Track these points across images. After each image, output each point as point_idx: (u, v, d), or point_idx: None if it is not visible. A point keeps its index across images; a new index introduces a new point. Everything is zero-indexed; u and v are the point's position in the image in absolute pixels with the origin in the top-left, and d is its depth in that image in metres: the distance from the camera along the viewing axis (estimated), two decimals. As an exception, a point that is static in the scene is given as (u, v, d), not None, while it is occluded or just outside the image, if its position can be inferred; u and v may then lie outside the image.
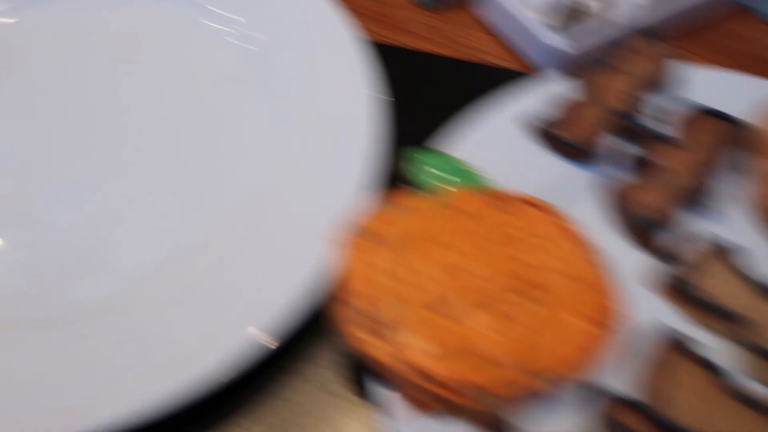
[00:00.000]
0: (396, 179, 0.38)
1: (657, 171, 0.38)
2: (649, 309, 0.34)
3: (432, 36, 0.50)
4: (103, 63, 0.45)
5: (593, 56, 0.43)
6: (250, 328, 0.31)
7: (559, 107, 0.40)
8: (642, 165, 0.38)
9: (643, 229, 0.36)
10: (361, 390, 0.34)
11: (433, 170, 0.35)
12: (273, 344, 0.32)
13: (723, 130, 0.39)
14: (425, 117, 0.42)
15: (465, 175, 0.35)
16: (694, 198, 0.37)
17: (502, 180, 0.36)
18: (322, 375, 0.34)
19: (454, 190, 0.32)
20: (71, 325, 0.33)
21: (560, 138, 0.39)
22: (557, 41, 0.45)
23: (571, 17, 0.47)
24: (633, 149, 0.39)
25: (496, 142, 0.39)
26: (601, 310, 0.29)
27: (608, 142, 0.39)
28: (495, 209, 0.31)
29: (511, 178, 0.36)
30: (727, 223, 0.37)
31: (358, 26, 0.47)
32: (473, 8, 0.51)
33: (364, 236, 0.30)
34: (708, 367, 0.30)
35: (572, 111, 0.40)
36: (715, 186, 0.38)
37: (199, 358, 0.31)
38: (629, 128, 0.40)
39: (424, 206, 0.32)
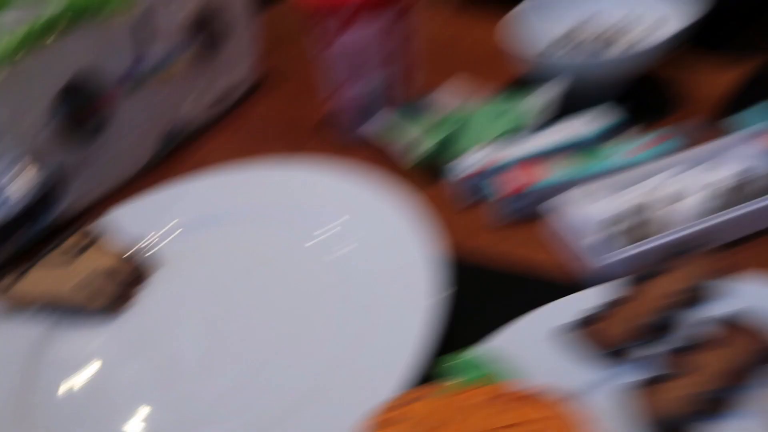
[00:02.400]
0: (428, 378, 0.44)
1: (684, 376, 0.40)
2: None
3: (500, 248, 0.58)
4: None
5: (649, 265, 0.48)
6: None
7: (602, 310, 0.45)
8: (670, 369, 0.41)
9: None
10: None
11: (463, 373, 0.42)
12: None
13: (756, 343, 0.41)
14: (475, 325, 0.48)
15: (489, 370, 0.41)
16: (717, 407, 0.39)
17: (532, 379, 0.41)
18: None
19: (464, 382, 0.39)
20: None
21: (592, 345, 0.43)
22: (623, 254, 0.50)
23: (634, 229, 0.53)
24: (663, 354, 0.42)
25: (533, 345, 0.44)
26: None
27: (640, 348, 0.43)
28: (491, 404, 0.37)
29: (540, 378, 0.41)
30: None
31: (441, 242, 0.54)
32: (541, 223, 0.59)
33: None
34: None
35: (613, 315, 0.45)
36: (740, 397, 0.39)
37: None
38: (661, 336, 0.43)
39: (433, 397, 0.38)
